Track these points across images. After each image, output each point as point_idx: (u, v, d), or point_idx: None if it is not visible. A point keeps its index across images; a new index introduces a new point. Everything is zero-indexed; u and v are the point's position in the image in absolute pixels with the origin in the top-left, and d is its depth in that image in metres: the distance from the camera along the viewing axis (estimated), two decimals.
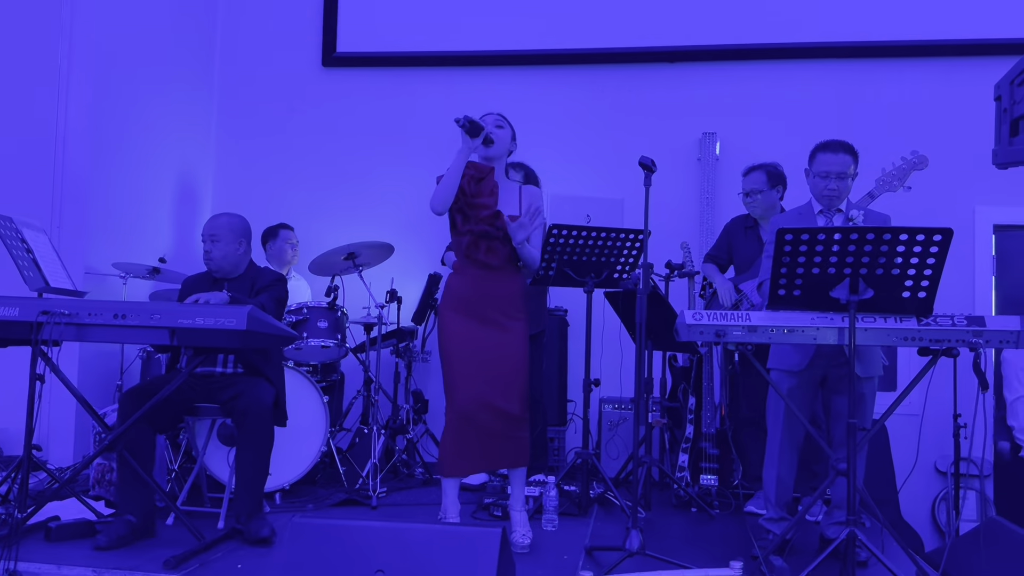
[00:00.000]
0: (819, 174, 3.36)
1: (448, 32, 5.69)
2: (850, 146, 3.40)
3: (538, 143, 5.05)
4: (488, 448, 3.23)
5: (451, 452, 3.25)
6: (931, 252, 2.75)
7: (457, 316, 3.31)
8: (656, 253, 4.13)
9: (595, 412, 4.73)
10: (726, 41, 5.39)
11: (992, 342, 2.86)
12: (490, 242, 3.29)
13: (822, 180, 3.35)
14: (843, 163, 3.34)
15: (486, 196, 3.29)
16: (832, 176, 3.33)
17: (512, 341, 3.29)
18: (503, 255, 3.31)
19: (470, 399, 3.21)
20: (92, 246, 4.79)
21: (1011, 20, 5.02)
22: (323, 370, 4.68)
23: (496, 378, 3.23)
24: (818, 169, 3.37)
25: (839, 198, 3.36)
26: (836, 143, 3.39)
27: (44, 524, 3.32)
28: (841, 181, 3.34)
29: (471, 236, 3.30)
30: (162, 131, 5.44)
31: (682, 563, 3.00)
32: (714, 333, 2.92)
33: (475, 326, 3.28)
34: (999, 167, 2.53)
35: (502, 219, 3.26)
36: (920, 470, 4.42)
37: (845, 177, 3.34)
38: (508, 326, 3.30)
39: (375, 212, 5.63)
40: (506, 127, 3.39)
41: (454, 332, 3.30)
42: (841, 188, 3.35)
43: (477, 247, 3.30)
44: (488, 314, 3.29)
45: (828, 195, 3.36)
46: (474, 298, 3.30)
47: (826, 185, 3.34)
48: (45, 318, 3.12)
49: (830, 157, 3.35)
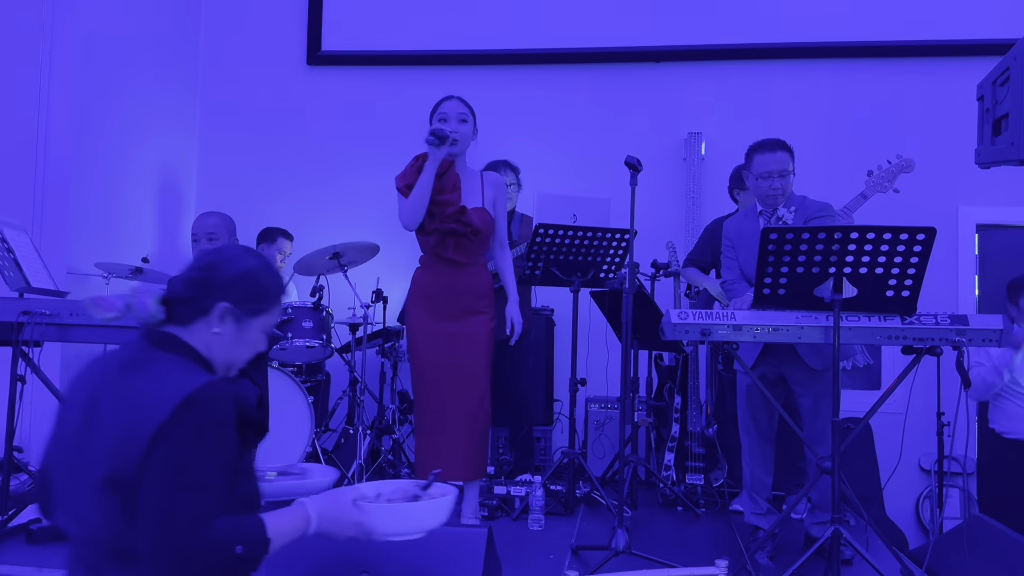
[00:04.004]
0: (760, 175, 3.36)
1: (434, 31, 5.68)
2: (785, 143, 3.41)
3: (524, 142, 5.06)
4: (452, 455, 3.26)
5: (423, 455, 3.30)
6: (915, 251, 2.77)
7: (422, 315, 3.34)
8: (642, 253, 4.13)
9: (581, 411, 4.72)
10: (712, 41, 5.40)
11: (975, 341, 2.88)
12: (458, 239, 3.29)
13: (765, 181, 3.35)
14: (782, 160, 3.35)
15: (449, 192, 3.29)
16: (774, 175, 3.34)
17: (475, 336, 3.31)
18: (470, 250, 3.31)
19: (433, 400, 3.28)
20: (74, 246, 4.74)
21: (993, 21, 5.05)
22: (308, 370, 4.66)
23: (458, 376, 3.26)
24: (759, 170, 3.37)
25: (783, 196, 3.37)
26: (771, 142, 3.40)
27: (26, 526, 3.28)
28: (783, 179, 3.35)
29: (438, 235, 3.30)
30: (145, 130, 5.39)
31: (668, 562, 3.01)
32: (700, 332, 2.93)
33: (440, 324, 3.31)
34: (982, 167, 2.54)
35: (467, 214, 3.26)
36: (904, 468, 4.44)
37: (786, 175, 3.35)
38: (472, 321, 3.31)
39: (360, 211, 5.60)
40: (470, 121, 3.37)
41: (419, 331, 3.35)
42: (784, 186, 3.35)
43: (445, 245, 3.30)
44: (453, 309, 3.31)
45: (773, 194, 3.36)
46: (440, 295, 3.32)
47: (770, 185, 3.35)
48: (26, 318, 3.10)
49: (768, 157, 3.35)
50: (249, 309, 1.56)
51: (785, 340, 2.95)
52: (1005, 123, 2.37)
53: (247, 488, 1.51)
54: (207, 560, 1.34)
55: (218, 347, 1.54)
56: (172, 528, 1.33)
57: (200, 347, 1.54)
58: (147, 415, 1.38)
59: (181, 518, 1.33)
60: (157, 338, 1.53)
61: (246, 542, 1.38)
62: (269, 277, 1.62)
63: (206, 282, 1.55)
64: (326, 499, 1.52)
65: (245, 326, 1.57)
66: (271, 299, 1.61)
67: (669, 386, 4.36)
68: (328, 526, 1.49)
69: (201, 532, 1.33)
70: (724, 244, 3.57)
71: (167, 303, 1.55)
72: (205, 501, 1.36)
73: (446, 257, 3.31)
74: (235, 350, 1.57)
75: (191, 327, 1.54)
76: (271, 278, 1.63)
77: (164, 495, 1.35)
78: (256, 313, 1.58)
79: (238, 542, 1.37)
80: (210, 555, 1.34)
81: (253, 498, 1.55)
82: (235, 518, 1.39)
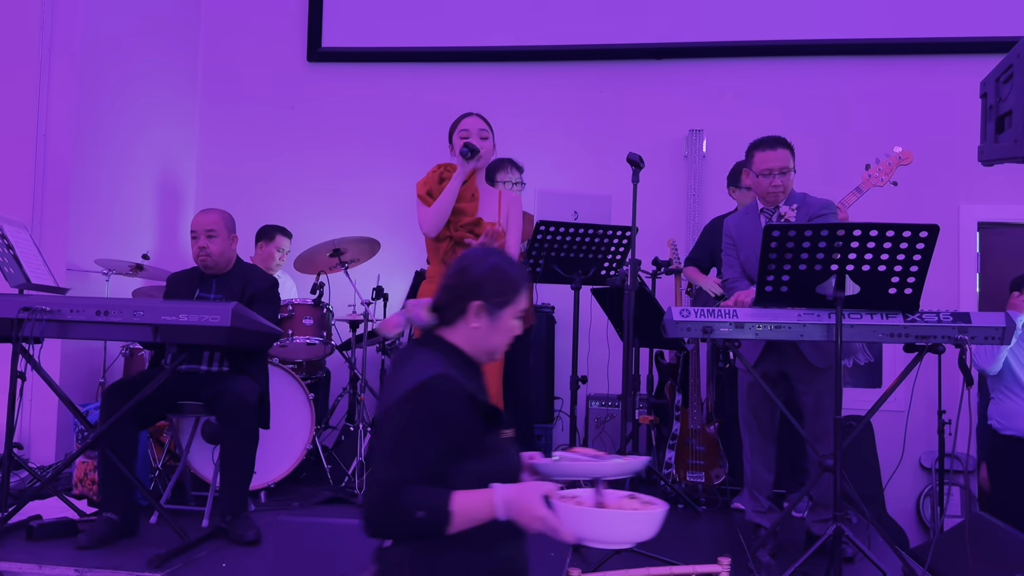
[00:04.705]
0: (761, 172, 3.35)
1: (435, 28, 5.67)
2: (786, 140, 3.40)
3: (526, 140, 5.05)
4: None
5: None
6: (917, 249, 2.76)
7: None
8: (643, 250, 4.12)
9: (582, 409, 4.72)
10: (713, 38, 5.39)
11: (977, 338, 2.88)
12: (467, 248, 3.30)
13: (766, 178, 3.34)
14: (783, 158, 3.33)
15: (468, 201, 3.31)
16: (775, 172, 3.32)
17: None
18: None
19: None
20: (74, 242, 4.74)
21: (997, 18, 5.04)
22: (308, 367, 4.65)
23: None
24: (759, 167, 3.35)
25: (784, 193, 3.36)
26: (772, 139, 3.39)
27: (26, 523, 3.28)
28: (784, 176, 3.33)
29: (450, 242, 3.32)
30: (145, 127, 5.39)
31: (669, 559, 3.00)
32: (701, 330, 2.92)
33: None
34: (984, 164, 2.54)
35: (482, 226, 3.28)
36: (905, 466, 4.44)
37: (787, 172, 3.34)
38: None
39: (361, 208, 5.59)
40: (490, 137, 3.44)
41: None
42: (785, 183, 3.34)
43: (454, 253, 3.31)
44: None
45: (774, 191, 3.35)
46: None
47: (771, 182, 3.33)
48: (26, 315, 3.09)
49: (769, 154, 3.34)
50: (499, 302, 1.80)
51: (787, 338, 2.94)
52: (1008, 120, 2.37)
53: (496, 463, 1.73)
54: (392, 515, 1.62)
55: (478, 339, 1.81)
56: (375, 483, 1.65)
57: (462, 342, 1.81)
58: (391, 398, 1.71)
59: (382, 477, 1.63)
60: (423, 338, 1.85)
61: (429, 509, 1.60)
62: (511, 269, 1.85)
63: (459, 286, 1.82)
64: (517, 489, 1.64)
65: (498, 317, 1.81)
66: (516, 289, 1.83)
67: (670, 384, 4.36)
68: (515, 515, 1.63)
69: (392, 492, 1.61)
70: (725, 242, 3.56)
71: (436, 310, 1.83)
72: (405, 468, 1.63)
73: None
74: (493, 339, 1.82)
75: (455, 327, 1.81)
76: (513, 270, 1.85)
77: (380, 457, 1.67)
78: (505, 304, 1.81)
79: (422, 508, 1.60)
80: (395, 512, 1.61)
81: (506, 472, 1.73)
82: (427, 488, 1.62)
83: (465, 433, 1.69)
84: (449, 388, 1.68)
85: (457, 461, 1.68)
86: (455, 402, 1.68)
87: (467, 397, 1.69)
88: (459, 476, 1.66)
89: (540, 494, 1.63)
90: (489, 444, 1.75)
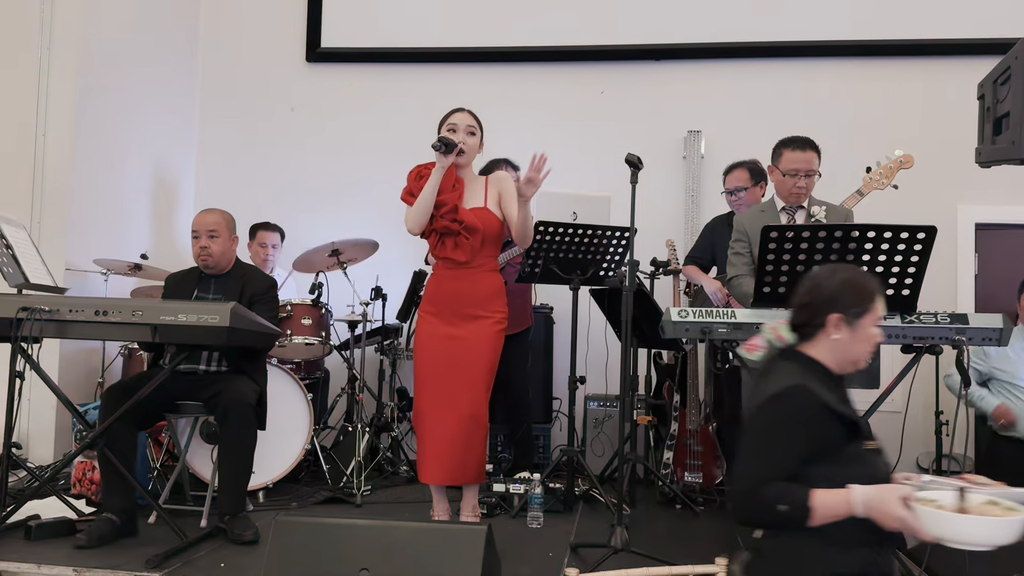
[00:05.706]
0: (788, 172, 3.35)
1: (433, 28, 5.67)
2: (814, 142, 3.41)
3: (524, 140, 5.03)
4: (452, 458, 3.28)
5: (422, 458, 3.34)
6: (915, 250, 2.77)
7: (430, 318, 3.39)
8: (641, 250, 4.12)
9: (580, 409, 4.72)
10: (711, 39, 5.39)
11: (975, 339, 2.88)
12: (455, 238, 3.31)
13: (791, 178, 3.35)
14: (810, 160, 3.35)
15: (447, 192, 3.31)
16: (801, 173, 3.33)
17: (478, 340, 3.32)
18: (470, 249, 3.32)
19: (432, 401, 3.31)
20: (73, 242, 4.74)
21: (994, 19, 5.04)
22: (307, 367, 4.65)
23: (458, 380, 3.27)
24: (787, 167, 3.36)
25: (806, 195, 3.37)
26: (803, 140, 3.39)
27: (24, 523, 3.28)
28: (809, 178, 3.34)
29: (435, 235, 3.34)
30: (144, 127, 5.38)
31: (667, 560, 3.00)
32: (699, 330, 2.93)
33: (444, 326, 3.34)
34: (982, 166, 2.54)
35: (459, 212, 3.28)
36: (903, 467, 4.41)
37: (813, 174, 3.35)
38: (476, 325, 3.33)
39: (360, 208, 5.59)
40: (477, 133, 3.44)
41: (424, 333, 3.39)
42: (810, 185, 3.36)
43: (444, 245, 3.35)
44: (457, 312, 3.33)
45: (797, 192, 3.36)
46: (445, 297, 3.36)
47: (795, 183, 3.34)
48: (25, 314, 3.09)
49: (799, 155, 3.35)
50: (856, 312, 1.89)
51: None
52: (1006, 122, 2.37)
53: (857, 472, 1.79)
54: (755, 508, 1.79)
55: (839, 350, 1.91)
56: (740, 479, 1.82)
57: (823, 355, 1.92)
58: (755, 405, 1.88)
59: (746, 473, 1.81)
60: (784, 352, 1.97)
61: (790, 504, 1.74)
62: (863, 279, 1.93)
63: (815, 303, 1.92)
64: (875, 489, 1.72)
65: (857, 327, 1.89)
66: (871, 297, 1.91)
67: (668, 384, 4.36)
68: (874, 514, 1.71)
69: (754, 487, 1.77)
70: (735, 238, 3.54)
71: (795, 328, 1.95)
72: (766, 466, 1.78)
73: (448, 257, 3.33)
74: (855, 348, 1.91)
75: (815, 341, 1.93)
76: (863, 280, 1.94)
77: (745, 455, 1.84)
78: (863, 313, 1.89)
79: (783, 502, 1.74)
80: (758, 505, 1.77)
81: (869, 481, 1.77)
82: (788, 484, 1.76)
83: (822, 439, 1.80)
84: (804, 397, 1.80)
85: (817, 465, 1.79)
86: (809, 409, 1.80)
87: (821, 406, 1.80)
88: (819, 479, 1.77)
89: (898, 496, 1.70)
90: (850, 452, 1.84)
